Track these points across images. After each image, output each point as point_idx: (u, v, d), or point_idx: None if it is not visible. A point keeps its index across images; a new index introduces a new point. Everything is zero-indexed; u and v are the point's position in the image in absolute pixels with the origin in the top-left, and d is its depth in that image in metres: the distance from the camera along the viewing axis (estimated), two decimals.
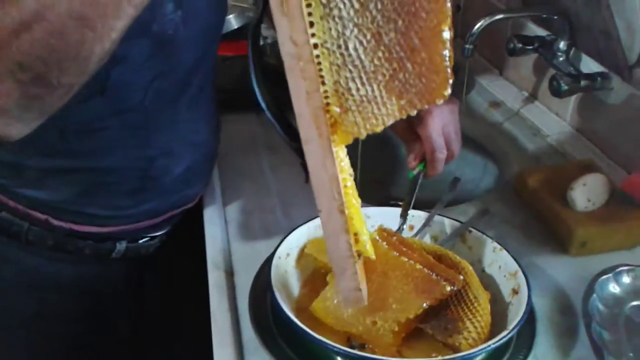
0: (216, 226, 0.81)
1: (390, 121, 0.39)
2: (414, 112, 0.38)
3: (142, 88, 0.67)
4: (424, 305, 0.57)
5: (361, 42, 0.38)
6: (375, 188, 1.10)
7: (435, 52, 0.36)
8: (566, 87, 0.92)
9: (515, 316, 0.59)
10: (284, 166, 0.94)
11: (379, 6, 0.36)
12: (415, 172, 0.82)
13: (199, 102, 0.77)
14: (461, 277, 0.63)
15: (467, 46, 0.93)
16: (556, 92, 0.93)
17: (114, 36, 0.46)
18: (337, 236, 0.44)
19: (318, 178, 0.42)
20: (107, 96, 0.66)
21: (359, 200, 0.46)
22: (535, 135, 1.08)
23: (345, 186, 0.43)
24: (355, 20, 0.37)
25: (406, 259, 0.60)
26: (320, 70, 0.39)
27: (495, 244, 0.69)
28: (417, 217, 0.75)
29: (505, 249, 0.68)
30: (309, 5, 0.38)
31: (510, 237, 0.81)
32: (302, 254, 0.69)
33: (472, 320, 0.59)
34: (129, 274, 0.87)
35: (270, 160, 0.98)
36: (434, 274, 0.59)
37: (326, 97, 0.40)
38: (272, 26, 0.55)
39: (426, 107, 0.38)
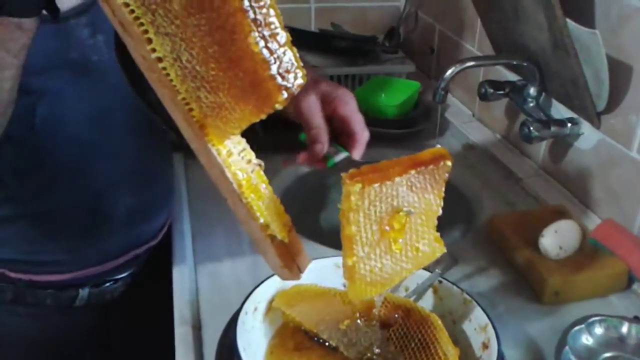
0: (184, 276, 0.79)
1: (245, 124, 0.41)
2: (263, 116, 0.39)
3: (73, 120, 0.65)
4: None
5: (192, 55, 0.39)
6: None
7: (254, 61, 0.37)
8: (537, 134, 0.93)
9: None
10: None
11: (194, 21, 0.38)
12: (337, 158, 0.69)
13: (142, 127, 0.74)
14: (430, 332, 0.61)
15: (439, 91, 0.94)
16: (527, 138, 0.94)
17: (6, 86, 0.45)
18: (247, 222, 0.47)
19: (212, 172, 0.45)
20: (37, 133, 0.63)
21: (270, 189, 0.47)
22: (507, 178, 1.08)
23: (239, 178, 0.45)
24: (180, 35, 0.39)
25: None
26: (171, 80, 0.42)
27: (466, 296, 0.68)
28: None
29: (475, 301, 0.67)
30: (141, 25, 0.40)
31: (483, 284, 0.81)
32: (270, 307, 0.68)
33: None
34: (93, 322, 0.85)
35: None
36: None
37: (187, 104, 0.42)
38: None
39: (270, 112, 0.39)
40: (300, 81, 0.38)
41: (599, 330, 0.69)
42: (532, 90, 0.99)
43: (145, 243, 0.81)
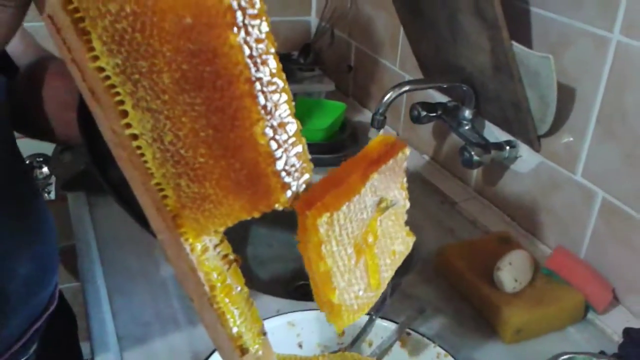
0: (107, 351, 0.67)
1: (232, 222, 0.34)
2: (257, 214, 0.33)
3: None
4: None
5: (177, 137, 0.32)
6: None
7: (256, 153, 0.31)
8: (478, 158, 0.89)
9: None
10: None
11: (188, 99, 0.31)
12: None
13: (8, 179, 0.63)
14: None
15: (377, 117, 0.88)
16: (468, 164, 0.90)
17: None
18: (215, 328, 0.39)
19: (179, 268, 0.38)
20: None
21: (246, 290, 0.40)
22: (443, 202, 1.05)
23: (213, 279, 0.38)
24: (167, 112, 0.32)
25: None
26: (146, 162, 0.35)
27: (439, 349, 0.62)
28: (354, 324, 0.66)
29: (451, 355, 0.61)
30: (117, 94, 0.33)
31: (439, 325, 0.75)
32: None
33: None
34: None
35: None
36: None
37: (161, 190, 0.35)
38: None
39: (267, 211, 0.32)
40: (306, 177, 0.33)
41: None
42: (467, 113, 0.96)
43: (45, 311, 0.68)
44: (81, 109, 0.52)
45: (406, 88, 0.88)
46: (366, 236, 0.45)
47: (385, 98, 0.87)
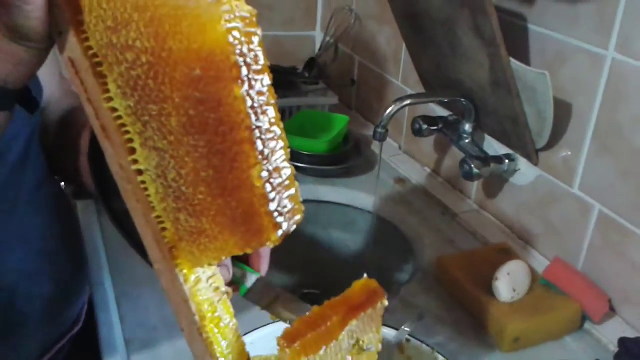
0: (115, 354, 0.69)
1: (225, 256, 0.37)
2: (250, 251, 0.35)
3: None
4: None
5: (180, 175, 0.35)
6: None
7: (252, 194, 0.33)
8: (477, 171, 0.91)
9: None
10: None
11: (192, 141, 0.33)
12: (248, 283, 0.57)
13: (41, 200, 0.65)
14: None
15: (379, 130, 0.90)
16: (468, 176, 0.92)
17: None
18: (203, 358, 0.41)
19: (172, 298, 0.40)
20: None
21: (235, 322, 0.42)
22: (444, 214, 1.07)
23: (204, 310, 0.40)
24: (172, 152, 0.35)
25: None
26: (149, 196, 0.37)
27: (439, 356, 0.63)
28: None
29: None
30: (127, 133, 0.36)
31: (439, 333, 0.77)
32: None
33: None
34: None
35: None
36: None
37: (161, 222, 0.38)
38: None
39: (258, 247, 0.35)
40: (297, 218, 0.35)
41: None
42: (468, 127, 0.98)
43: (70, 331, 0.70)
44: (92, 145, 0.54)
45: (408, 102, 0.91)
46: None
47: (388, 111, 0.89)
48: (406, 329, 0.67)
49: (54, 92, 0.68)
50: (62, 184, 0.75)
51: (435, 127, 1.04)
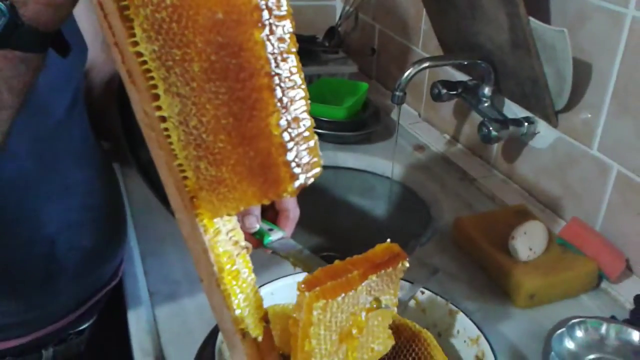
0: (140, 305, 0.71)
1: (243, 206, 0.37)
2: (267, 202, 0.35)
3: (11, 157, 0.57)
4: None
5: (201, 122, 0.35)
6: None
7: (270, 143, 0.33)
8: (496, 134, 0.92)
9: None
10: None
11: (213, 88, 0.34)
12: (273, 237, 0.62)
13: (84, 156, 0.67)
14: (423, 350, 0.58)
15: (397, 93, 0.90)
16: (486, 139, 0.92)
17: (2, 128, 0.41)
18: (220, 311, 0.42)
19: (193, 248, 0.41)
20: None
21: (253, 277, 0.43)
22: (462, 179, 1.07)
23: (222, 262, 0.41)
24: (194, 99, 0.35)
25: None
26: (171, 144, 0.38)
27: (452, 307, 0.65)
28: None
29: (463, 312, 0.64)
30: (151, 78, 0.36)
31: (454, 290, 0.78)
32: None
33: None
34: None
35: None
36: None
37: (182, 171, 0.38)
38: None
39: (276, 199, 0.35)
40: (315, 172, 0.35)
41: (579, 333, 0.68)
42: (487, 90, 0.98)
43: (107, 285, 0.72)
44: (120, 95, 0.56)
45: (426, 64, 0.91)
46: (352, 329, 0.49)
47: (406, 74, 0.89)
48: (420, 282, 0.68)
49: (98, 54, 0.70)
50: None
51: (454, 92, 1.04)
